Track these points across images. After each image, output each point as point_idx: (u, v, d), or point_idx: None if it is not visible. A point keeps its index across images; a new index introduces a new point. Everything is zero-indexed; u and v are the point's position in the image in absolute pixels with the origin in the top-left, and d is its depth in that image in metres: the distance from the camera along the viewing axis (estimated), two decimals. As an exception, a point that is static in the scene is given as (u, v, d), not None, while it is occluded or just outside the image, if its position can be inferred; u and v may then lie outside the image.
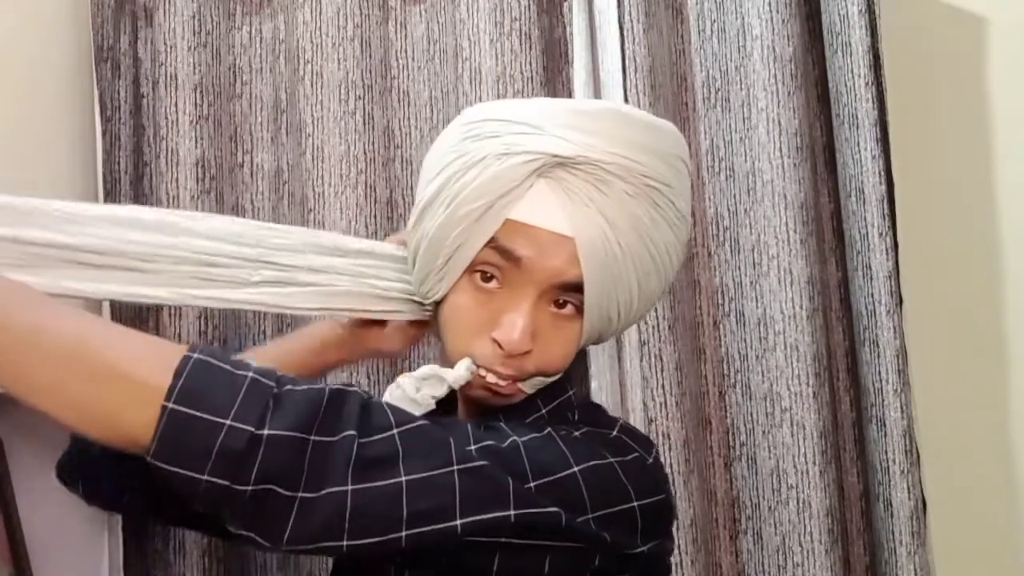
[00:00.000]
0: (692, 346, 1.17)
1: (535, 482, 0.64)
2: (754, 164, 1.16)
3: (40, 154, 0.99)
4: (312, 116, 1.16)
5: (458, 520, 0.61)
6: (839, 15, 1.14)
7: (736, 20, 1.18)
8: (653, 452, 0.73)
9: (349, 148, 1.15)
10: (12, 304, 0.61)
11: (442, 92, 1.18)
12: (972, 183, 1.28)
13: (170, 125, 1.12)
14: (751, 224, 1.16)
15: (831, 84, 1.16)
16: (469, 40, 1.14)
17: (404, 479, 0.60)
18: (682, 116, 1.19)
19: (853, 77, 1.12)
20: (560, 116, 0.68)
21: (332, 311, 0.79)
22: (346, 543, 0.59)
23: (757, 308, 1.15)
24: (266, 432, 0.58)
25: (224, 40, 1.17)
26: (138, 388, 0.58)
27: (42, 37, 1.03)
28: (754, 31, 1.16)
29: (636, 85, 1.11)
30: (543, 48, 1.16)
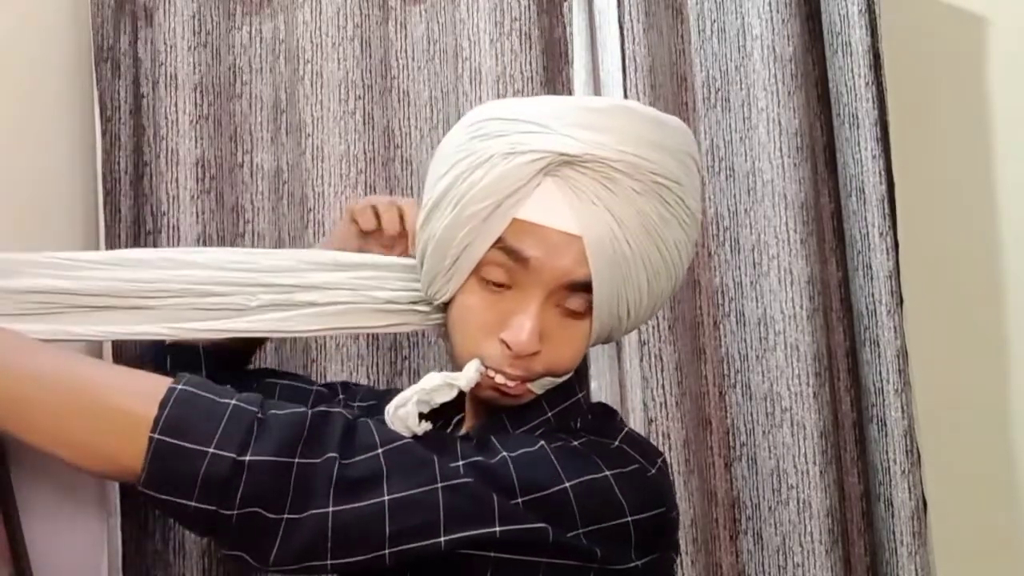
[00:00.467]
0: (692, 346, 1.16)
1: (523, 498, 0.63)
2: (754, 164, 1.16)
3: (40, 154, 0.99)
4: (312, 116, 1.16)
5: (442, 537, 0.61)
6: (839, 15, 1.14)
7: (736, 20, 1.18)
8: (658, 462, 0.72)
9: (349, 148, 1.15)
10: (11, 352, 0.64)
11: (442, 92, 1.18)
12: (972, 183, 1.29)
13: (170, 125, 1.12)
14: (751, 224, 1.16)
15: (831, 84, 1.16)
16: (469, 40, 1.14)
17: (387, 498, 0.61)
18: (682, 116, 1.19)
19: (853, 77, 1.12)
20: (567, 114, 0.68)
21: (334, 331, 0.79)
22: (330, 561, 0.61)
23: (757, 308, 1.15)
24: (248, 458, 0.59)
25: (224, 40, 1.17)
26: (127, 421, 0.60)
27: (42, 37, 1.03)
28: (754, 31, 1.16)
29: (636, 85, 1.11)
30: (543, 48, 1.15)
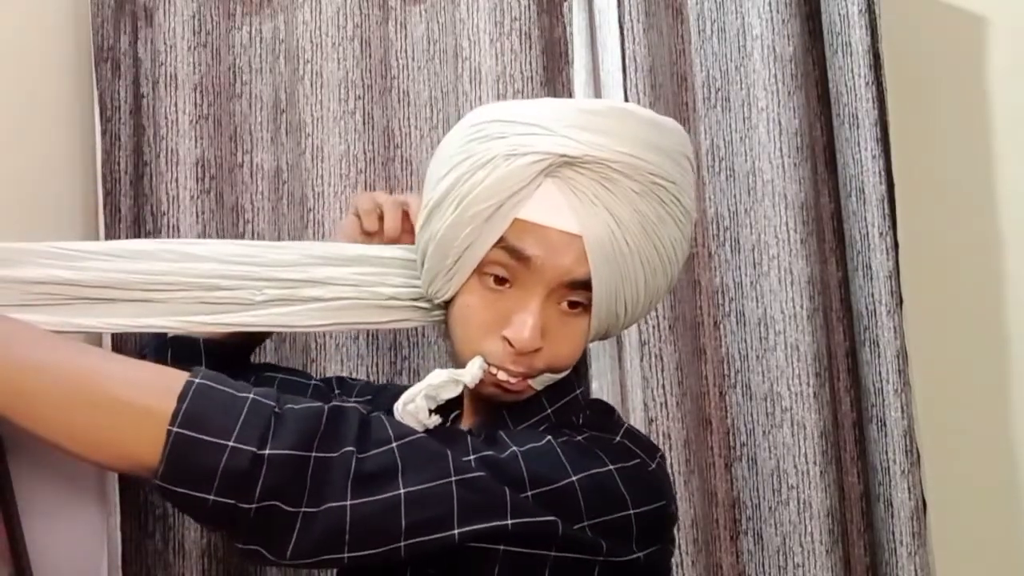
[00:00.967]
0: (692, 346, 1.16)
1: (532, 491, 0.64)
2: (754, 164, 1.16)
3: (40, 154, 0.99)
4: (312, 116, 1.16)
5: (456, 530, 0.62)
6: (839, 15, 1.14)
7: (736, 20, 1.18)
8: (657, 458, 0.73)
9: (349, 148, 1.15)
10: (16, 344, 0.62)
11: (442, 92, 1.18)
12: (972, 183, 1.28)
13: (170, 125, 1.12)
14: (751, 224, 1.16)
15: (831, 84, 1.16)
16: (469, 40, 1.14)
17: (403, 491, 0.62)
18: (682, 116, 1.19)
19: (853, 77, 1.12)
20: (566, 116, 0.69)
21: (338, 326, 0.80)
22: (347, 555, 0.61)
23: (757, 308, 1.15)
24: (267, 452, 0.59)
25: (224, 40, 1.17)
26: (143, 414, 0.60)
27: (42, 37, 1.03)
28: (754, 31, 1.16)
29: (636, 85, 1.11)
30: (543, 48, 1.15)
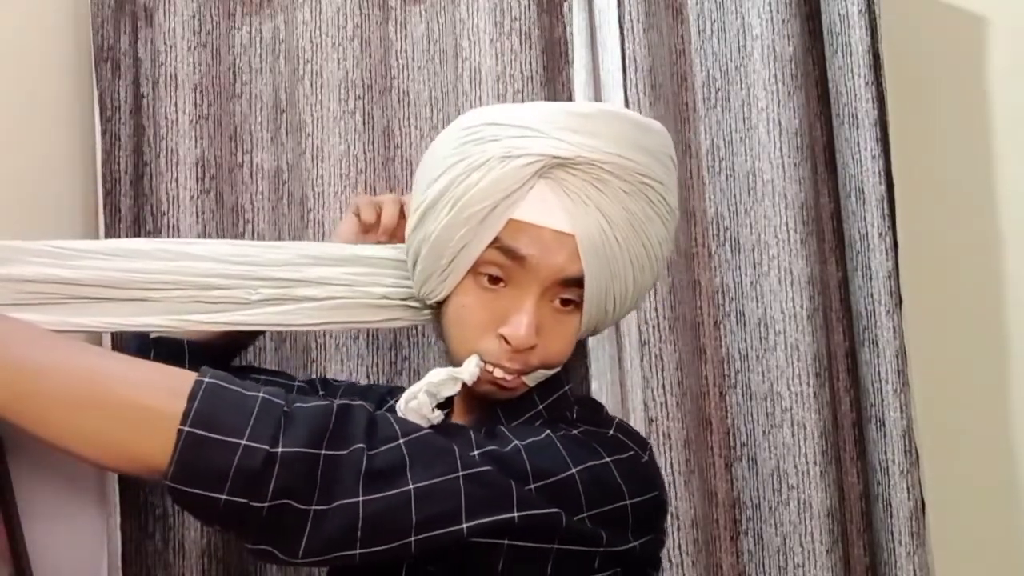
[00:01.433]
0: (693, 346, 1.16)
1: (535, 484, 0.66)
2: (754, 164, 1.16)
3: (40, 154, 0.99)
4: (312, 116, 1.16)
5: (464, 524, 0.62)
6: (839, 15, 1.14)
7: (736, 20, 1.18)
8: (648, 450, 0.75)
9: (349, 148, 1.15)
10: (19, 344, 0.62)
11: (442, 92, 1.18)
12: (972, 183, 1.28)
13: (170, 125, 1.12)
14: (751, 224, 1.16)
15: (831, 84, 1.16)
16: (469, 40, 1.14)
17: (412, 487, 0.62)
18: (682, 116, 1.19)
19: (853, 77, 1.12)
20: (558, 119, 0.71)
21: (331, 325, 0.81)
22: (359, 551, 0.61)
23: (757, 308, 1.15)
24: (280, 450, 0.59)
25: (224, 40, 1.17)
26: (153, 415, 0.60)
27: (42, 37, 1.03)
28: (754, 31, 1.16)
29: (636, 85, 1.11)
30: (543, 48, 1.15)
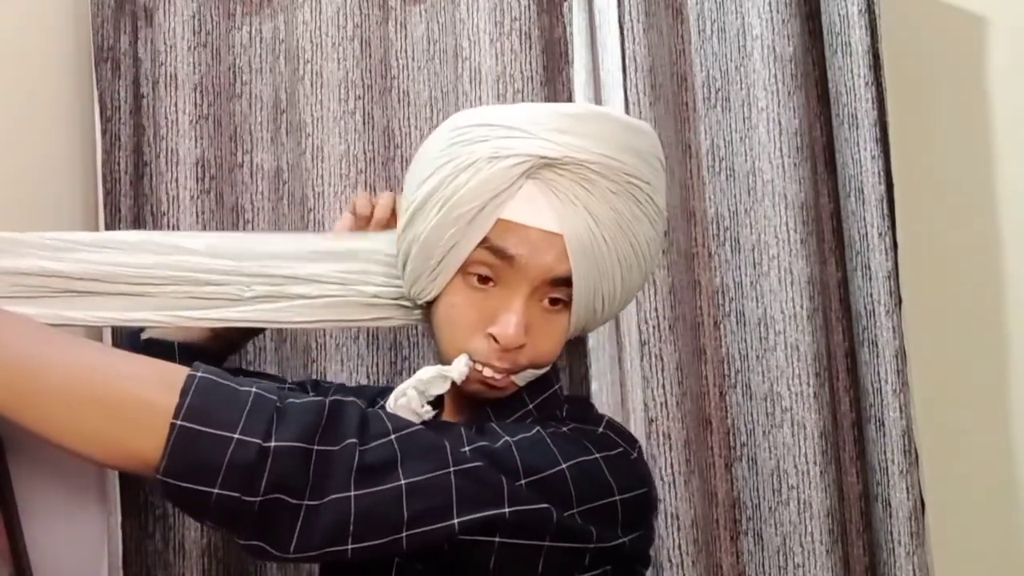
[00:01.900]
0: (693, 346, 1.16)
1: (526, 479, 0.66)
2: (754, 164, 1.16)
3: (40, 154, 0.99)
4: (312, 116, 1.16)
5: (455, 519, 0.63)
6: (839, 15, 1.14)
7: (736, 20, 1.18)
8: (637, 448, 0.76)
9: (349, 148, 1.15)
10: (13, 337, 0.62)
11: (442, 92, 1.18)
12: (972, 183, 1.28)
13: (170, 125, 1.12)
14: (751, 224, 1.16)
15: (831, 84, 1.16)
16: (469, 40, 1.14)
17: (403, 482, 0.62)
18: (682, 116, 1.19)
19: (853, 77, 1.12)
20: (545, 120, 0.71)
21: (324, 323, 0.81)
22: (351, 547, 0.61)
23: (757, 308, 1.15)
24: (273, 444, 0.59)
25: (224, 40, 1.17)
26: (146, 409, 0.60)
27: (42, 37, 1.03)
28: (754, 31, 1.16)
29: (636, 85, 1.11)
30: (543, 48, 1.15)
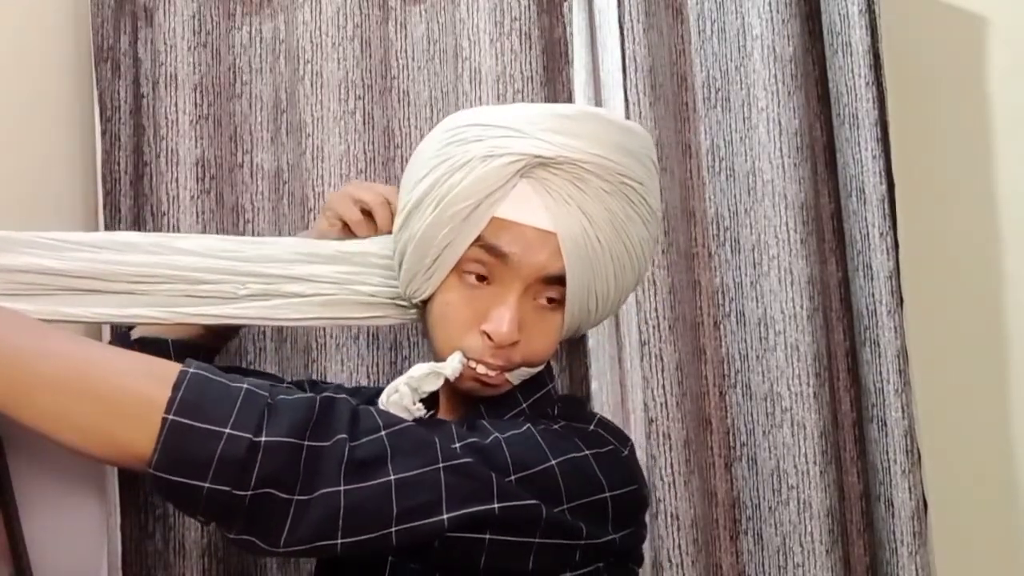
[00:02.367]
0: (692, 346, 1.16)
1: (516, 475, 0.67)
2: (754, 164, 1.16)
3: (40, 154, 0.99)
4: (312, 116, 1.16)
5: (444, 515, 0.63)
6: (839, 15, 1.14)
7: (736, 20, 1.18)
8: (628, 446, 0.77)
9: (349, 148, 1.15)
10: (9, 331, 0.62)
11: (442, 92, 1.18)
12: (972, 183, 1.28)
13: (170, 125, 1.12)
14: (751, 224, 1.16)
15: (831, 84, 1.16)
16: (469, 40, 1.14)
17: (393, 478, 0.63)
18: (682, 116, 1.19)
19: (853, 77, 1.12)
20: (539, 120, 0.72)
21: (319, 321, 0.82)
22: (340, 541, 0.61)
23: (757, 308, 1.15)
24: (263, 439, 0.60)
25: (224, 40, 1.17)
26: (138, 403, 0.60)
27: (42, 37, 1.03)
28: (754, 31, 1.16)
29: (636, 85, 1.11)
30: (543, 48, 1.15)
